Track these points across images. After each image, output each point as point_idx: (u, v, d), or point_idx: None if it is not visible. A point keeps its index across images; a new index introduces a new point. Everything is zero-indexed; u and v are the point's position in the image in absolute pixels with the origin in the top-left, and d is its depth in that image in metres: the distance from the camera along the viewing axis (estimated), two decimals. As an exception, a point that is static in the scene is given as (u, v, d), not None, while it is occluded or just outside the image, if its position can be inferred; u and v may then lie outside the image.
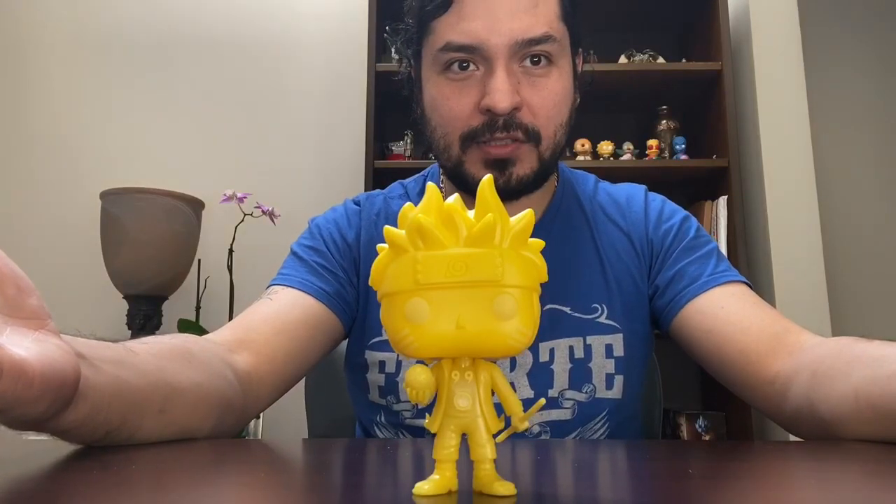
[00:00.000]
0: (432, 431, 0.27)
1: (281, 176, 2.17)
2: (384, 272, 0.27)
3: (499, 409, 0.28)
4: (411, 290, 0.26)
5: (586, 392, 0.72)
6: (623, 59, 2.09)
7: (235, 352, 0.62)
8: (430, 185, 0.27)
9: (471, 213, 0.27)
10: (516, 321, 0.26)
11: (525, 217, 0.27)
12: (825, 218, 2.08)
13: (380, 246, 0.28)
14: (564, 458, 0.39)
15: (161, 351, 0.50)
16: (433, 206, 0.27)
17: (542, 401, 0.28)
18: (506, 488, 0.26)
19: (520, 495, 0.26)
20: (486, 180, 0.27)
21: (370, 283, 0.28)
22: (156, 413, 0.46)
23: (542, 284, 0.28)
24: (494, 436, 0.27)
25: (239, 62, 2.24)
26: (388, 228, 0.27)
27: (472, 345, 0.26)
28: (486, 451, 0.27)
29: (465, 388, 0.27)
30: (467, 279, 0.26)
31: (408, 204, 0.27)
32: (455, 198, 0.27)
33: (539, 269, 0.27)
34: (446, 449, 0.27)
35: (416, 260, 0.26)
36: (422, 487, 0.26)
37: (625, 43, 2.14)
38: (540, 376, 0.71)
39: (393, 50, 2.04)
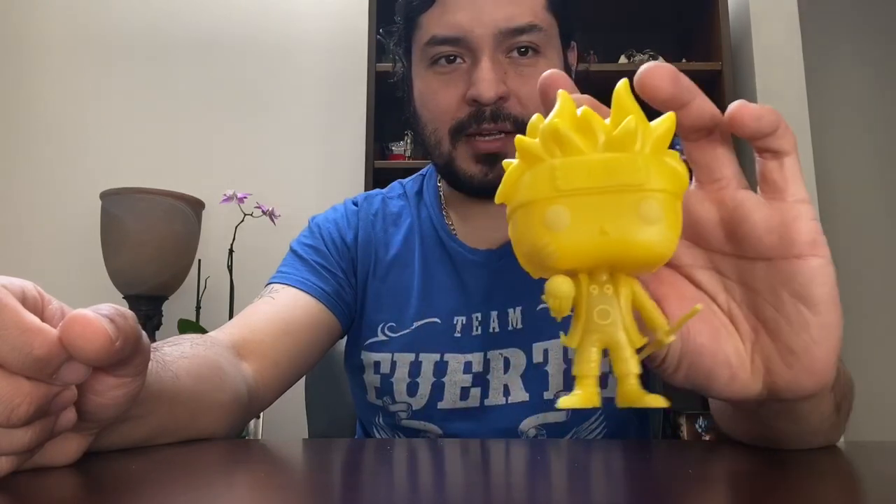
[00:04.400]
0: (572, 347, 0.26)
1: (281, 176, 2.17)
2: (517, 183, 0.26)
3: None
4: (551, 197, 0.25)
5: None
6: (623, 59, 2.09)
7: (243, 357, 0.63)
8: (561, 91, 0.27)
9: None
10: (662, 226, 0.24)
11: (666, 121, 0.26)
12: (825, 218, 2.08)
13: (506, 162, 0.27)
14: (564, 459, 0.39)
15: (199, 372, 0.51)
16: (567, 112, 0.26)
17: (698, 307, 0.27)
18: (657, 401, 0.25)
19: (520, 495, 0.26)
20: (623, 84, 0.26)
21: (498, 199, 0.27)
22: (180, 429, 0.47)
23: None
24: (638, 351, 0.26)
25: (239, 62, 2.24)
26: (519, 138, 0.26)
27: (616, 252, 0.25)
28: (629, 365, 0.26)
29: (606, 302, 0.26)
30: (610, 184, 0.24)
31: (537, 115, 0.26)
32: (585, 109, 0.26)
33: (681, 176, 0.26)
34: (588, 363, 0.26)
35: (555, 167, 0.25)
36: (566, 401, 0.25)
37: (625, 43, 2.14)
38: (534, 378, 0.71)
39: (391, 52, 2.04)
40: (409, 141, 2.10)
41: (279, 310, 0.69)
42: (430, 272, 0.75)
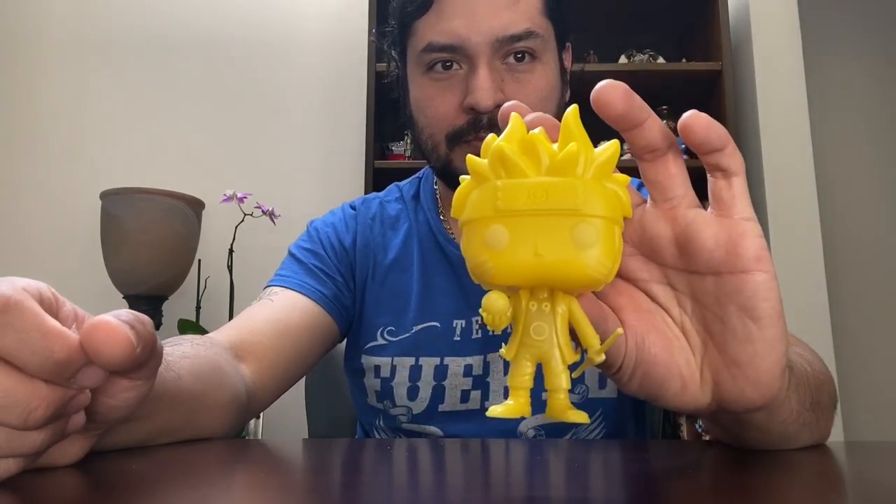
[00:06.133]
0: (507, 359, 0.27)
1: (281, 176, 2.17)
2: (465, 200, 0.27)
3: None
4: (491, 216, 0.26)
5: (579, 393, 0.71)
6: (623, 59, 2.09)
7: (241, 359, 0.63)
8: (514, 114, 0.28)
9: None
10: (596, 251, 0.25)
11: (610, 148, 0.27)
12: (825, 217, 2.08)
13: (462, 177, 0.28)
14: (564, 459, 0.40)
15: (200, 371, 0.51)
16: (516, 135, 0.27)
17: (619, 331, 0.28)
18: (579, 416, 0.26)
19: (519, 495, 0.26)
20: (572, 110, 0.27)
21: (452, 213, 0.28)
22: (180, 429, 0.47)
23: None
24: (571, 368, 0.27)
25: (239, 62, 2.24)
26: (470, 157, 0.27)
27: (551, 274, 0.26)
28: (560, 380, 0.27)
29: (542, 318, 0.27)
30: (547, 207, 0.25)
31: (491, 135, 0.27)
32: (540, 129, 0.27)
33: (623, 203, 0.27)
34: (521, 376, 0.27)
35: (497, 188, 0.26)
36: (495, 410, 0.27)
37: (625, 43, 2.14)
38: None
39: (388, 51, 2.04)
40: (409, 141, 2.10)
41: (277, 312, 0.69)
42: (428, 276, 0.75)
